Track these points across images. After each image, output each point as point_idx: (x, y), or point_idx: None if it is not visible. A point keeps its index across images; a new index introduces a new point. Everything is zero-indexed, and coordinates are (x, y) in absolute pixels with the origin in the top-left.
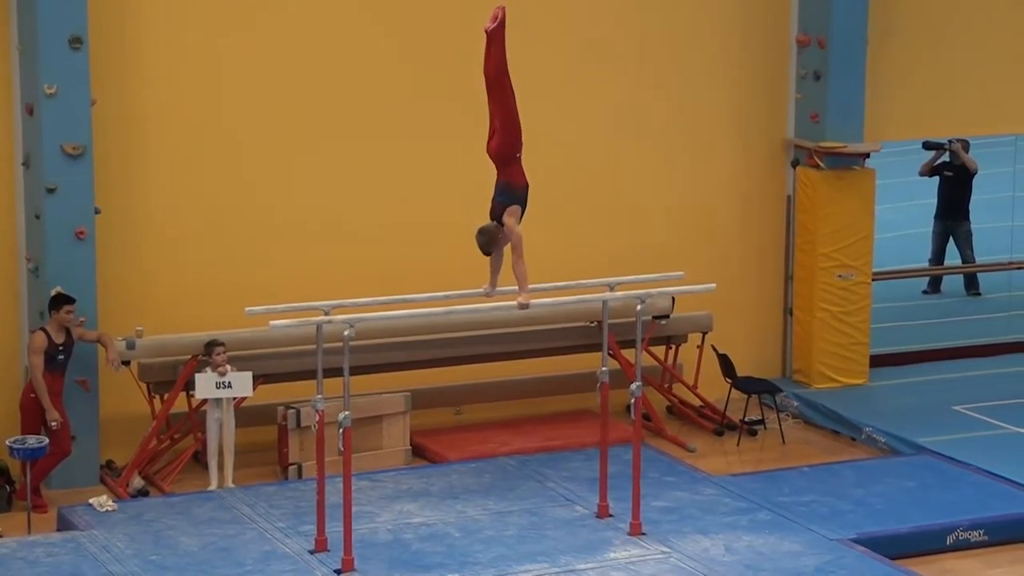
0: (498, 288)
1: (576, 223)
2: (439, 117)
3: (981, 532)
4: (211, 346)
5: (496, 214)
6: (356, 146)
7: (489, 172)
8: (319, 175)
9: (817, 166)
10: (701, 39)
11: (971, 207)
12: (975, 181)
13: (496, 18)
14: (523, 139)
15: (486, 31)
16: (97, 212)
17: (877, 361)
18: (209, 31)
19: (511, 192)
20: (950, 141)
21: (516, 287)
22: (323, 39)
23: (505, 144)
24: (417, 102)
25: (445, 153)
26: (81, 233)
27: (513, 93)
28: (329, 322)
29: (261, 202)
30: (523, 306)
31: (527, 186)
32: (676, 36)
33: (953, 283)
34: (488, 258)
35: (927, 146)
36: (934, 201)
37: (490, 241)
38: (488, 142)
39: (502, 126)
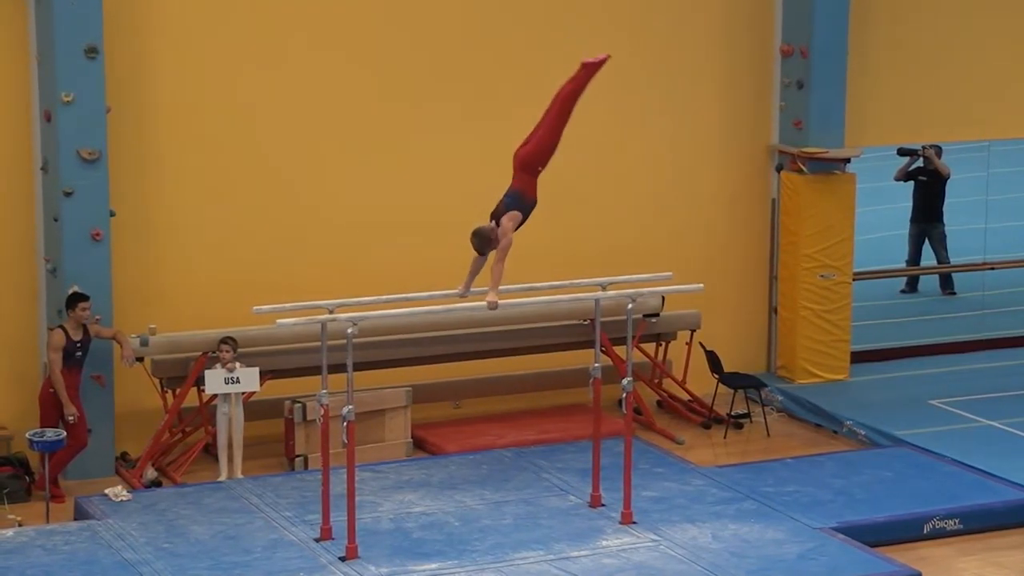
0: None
1: (570, 224)
2: (442, 121)
3: (956, 521)
4: (224, 342)
5: (498, 213)
6: (361, 150)
7: (491, 178)
8: (326, 180)
9: (800, 171)
10: (691, 50)
11: (945, 210)
12: (949, 185)
13: (599, 60)
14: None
15: (583, 63)
16: (112, 215)
17: (857, 357)
18: (219, 41)
19: (521, 200)
20: (923, 147)
21: (513, 289)
22: (328, 44)
23: (536, 156)
24: (421, 106)
25: (447, 157)
26: (97, 235)
27: (568, 119)
28: (333, 320)
29: (269, 205)
30: (492, 306)
31: (535, 203)
32: (667, 47)
33: (929, 283)
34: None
35: (901, 152)
36: (910, 204)
37: (484, 243)
38: (522, 146)
39: (542, 139)
